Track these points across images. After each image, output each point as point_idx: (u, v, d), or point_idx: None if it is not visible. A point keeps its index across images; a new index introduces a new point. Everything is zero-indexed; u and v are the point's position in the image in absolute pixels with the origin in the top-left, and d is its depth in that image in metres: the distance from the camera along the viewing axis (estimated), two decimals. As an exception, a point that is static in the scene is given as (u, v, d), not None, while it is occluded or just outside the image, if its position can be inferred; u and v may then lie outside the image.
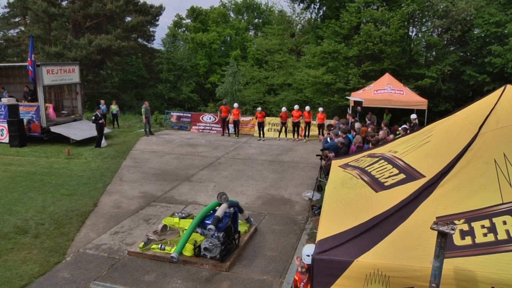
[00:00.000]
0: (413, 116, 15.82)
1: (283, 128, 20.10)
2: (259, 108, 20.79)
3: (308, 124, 19.70)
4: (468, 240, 3.84)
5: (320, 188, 11.37)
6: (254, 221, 9.34)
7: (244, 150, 17.97)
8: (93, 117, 17.87)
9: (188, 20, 47.33)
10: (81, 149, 17.22)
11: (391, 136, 11.31)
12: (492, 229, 3.86)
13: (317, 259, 3.99)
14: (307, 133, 19.85)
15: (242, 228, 8.75)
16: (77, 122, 19.99)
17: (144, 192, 11.85)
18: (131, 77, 39.26)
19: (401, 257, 3.80)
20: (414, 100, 17.31)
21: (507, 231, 3.81)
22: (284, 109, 20.23)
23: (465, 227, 3.94)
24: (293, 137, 19.89)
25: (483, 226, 3.90)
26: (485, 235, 3.83)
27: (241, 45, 45.37)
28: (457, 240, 3.84)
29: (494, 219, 3.92)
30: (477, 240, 3.82)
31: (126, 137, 20.53)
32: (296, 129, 19.78)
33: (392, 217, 4.19)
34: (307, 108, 19.73)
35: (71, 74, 19.67)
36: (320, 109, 19.52)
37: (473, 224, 3.95)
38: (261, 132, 20.29)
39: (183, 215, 9.20)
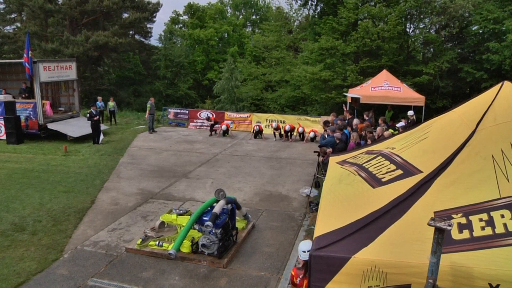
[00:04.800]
0: (410, 112, 15.84)
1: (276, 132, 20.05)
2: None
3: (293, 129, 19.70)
4: (466, 234, 3.85)
5: (317, 184, 11.39)
6: (252, 218, 9.34)
7: (241, 146, 17.97)
8: (88, 114, 17.80)
9: (185, 17, 47.25)
10: (79, 146, 17.18)
11: (387, 132, 11.29)
12: (490, 222, 3.88)
13: (315, 255, 4.00)
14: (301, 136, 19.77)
15: (239, 224, 8.76)
16: (74, 119, 19.91)
17: (141, 189, 11.83)
18: (128, 74, 39.15)
19: (398, 253, 3.81)
20: (412, 97, 17.31)
21: (505, 225, 3.82)
22: (275, 124, 20.27)
23: (463, 221, 3.96)
24: (289, 138, 19.68)
25: (481, 220, 3.92)
26: (483, 228, 3.85)
27: (239, 41, 45.32)
28: (455, 234, 3.86)
29: (492, 213, 3.94)
30: (475, 234, 3.83)
31: (124, 134, 20.48)
32: (290, 133, 19.64)
33: (389, 213, 4.20)
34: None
35: (68, 71, 19.57)
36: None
37: (471, 217, 3.96)
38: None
39: (181, 211, 9.19)
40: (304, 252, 5.03)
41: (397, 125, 13.95)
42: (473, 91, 22.32)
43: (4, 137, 17.79)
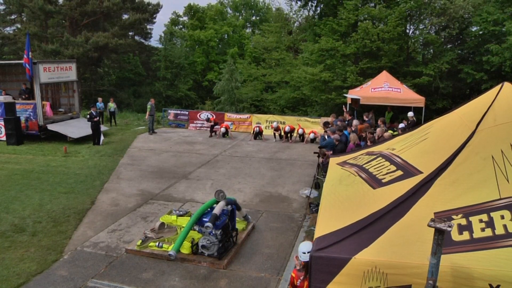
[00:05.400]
0: (410, 113, 15.86)
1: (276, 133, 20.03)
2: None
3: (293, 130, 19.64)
4: (466, 235, 3.86)
5: (317, 185, 11.38)
6: (252, 219, 9.33)
7: (241, 147, 17.97)
8: (88, 116, 17.81)
9: (185, 18, 47.29)
10: (78, 147, 17.18)
11: (387, 134, 11.30)
12: (490, 223, 3.88)
13: (315, 256, 4.00)
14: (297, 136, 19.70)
15: (239, 225, 8.75)
16: (74, 120, 19.91)
17: (141, 190, 11.83)
18: (128, 75, 39.15)
19: (398, 253, 3.81)
20: (412, 98, 17.33)
21: (505, 226, 3.82)
22: (275, 123, 20.23)
23: (463, 222, 3.96)
24: (289, 139, 19.62)
25: (481, 221, 3.92)
26: (483, 229, 3.85)
27: (239, 42, 45.35)
28: (455, 235, 3.86)
29: (492, 214, 3.94)
30: (475, 235, 3.83)
31: (124, 135, 20.49)
32: (290, 134, 19.59)
33: (389, 214, 4.21)
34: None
35: (68, 72, 19.58)
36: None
37: (471, 218, 3.97)
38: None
39: (181, 212, 9.19)
40: (304, 253, 5.03)
41: (398, 126, 13.97)
42: (473, 92, 22.34)
43: (4, 138, 17.79)
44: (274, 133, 19.84)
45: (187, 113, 23.64)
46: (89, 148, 17.11)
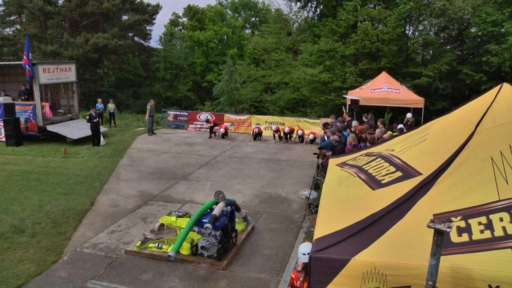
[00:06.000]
0: (409, 115, 15.86)
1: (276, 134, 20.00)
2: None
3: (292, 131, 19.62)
4: (465, 237, 3.86)
5: (317, 186, 11.38)
6: (251, 220, 9.33)
7: (241, 148, 17.96)
8: (87, 116, 17.82)
9: (185, 19, 47.30)
10: (78, 148, 17.17)
11: (386, 134, 11.30)
12: (489, 225, 3.88)
13: (314, 257, 3.99)
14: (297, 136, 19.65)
15: (239, 226, 8.75)
16: (73, 121, 19.92)
17: (141, 191, 11.82)
18: (128, 76, 39.15)
19: (398, 255, 3.81)
20: (411, 99, 17.34)
21: (504, 228, 3.82)
22: (274, 127, 20.15)
23: (462, 224, 3.96)
24: (288, 140, 19.61)
25: (480, 223, 3.92)
26: (482, 231, 3.86)
27: (238, 43, 45.37)
28: (454, 237, 3.86)
29: (491, 216, 3.94)
30: (474, 237, 3.83)
31: (123, 136, 20.49)
32: (289, 135, 19.57)
33: (389, 215, 4.20)
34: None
35: (67, 73, 19.60)
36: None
37: (470, 221, 3.97)
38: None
39: (180, 213, 9.19)
40: (304, 254, 5.02)
41: (398, 126, 13.98)
42: (472, 93, 22.34)
43: (3, 139, 17.79)
44: (274, 134, 19.86)
45: (186, 114, 23.64)
46: (89, 149, 17.11)
